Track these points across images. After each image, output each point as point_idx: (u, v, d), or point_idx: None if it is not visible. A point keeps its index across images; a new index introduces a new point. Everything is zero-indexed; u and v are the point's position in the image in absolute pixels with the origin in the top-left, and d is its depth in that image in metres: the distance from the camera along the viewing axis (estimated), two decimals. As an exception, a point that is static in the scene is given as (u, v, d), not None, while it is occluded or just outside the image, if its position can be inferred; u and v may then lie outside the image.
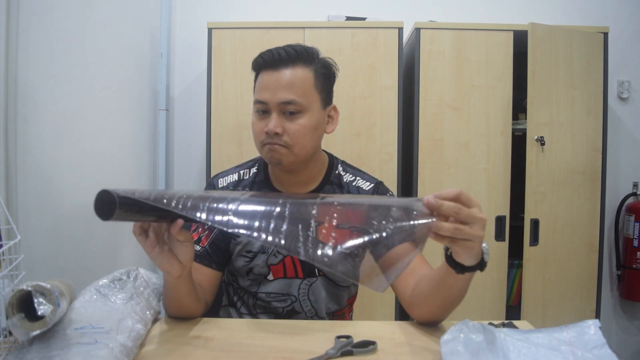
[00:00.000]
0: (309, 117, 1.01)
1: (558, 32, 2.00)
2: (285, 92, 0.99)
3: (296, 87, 0.99)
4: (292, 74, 1.00)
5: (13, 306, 0.68)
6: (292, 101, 0.99)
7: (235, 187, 1.12)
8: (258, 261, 1.09)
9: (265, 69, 1.02)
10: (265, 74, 1.01)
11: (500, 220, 2.05)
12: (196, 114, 2.44)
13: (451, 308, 0.90)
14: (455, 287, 0.84)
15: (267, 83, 1.00)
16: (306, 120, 1.01)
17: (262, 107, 1.01)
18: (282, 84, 0.99)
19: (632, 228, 2.36)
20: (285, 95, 0.99)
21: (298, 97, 0.99)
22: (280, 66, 1.00)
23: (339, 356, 0.79)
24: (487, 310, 2.05)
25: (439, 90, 2.05)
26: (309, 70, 1.02)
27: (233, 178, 1.14)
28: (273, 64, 1.00)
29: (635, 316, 2.53)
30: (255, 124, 1.03)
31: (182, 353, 0.82)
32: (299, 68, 1.01)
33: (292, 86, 0.99)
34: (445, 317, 0.93)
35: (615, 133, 2.45)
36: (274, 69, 1.00)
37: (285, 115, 1.00)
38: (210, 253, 1.07)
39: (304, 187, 1.10)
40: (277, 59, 1.00)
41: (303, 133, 1.01)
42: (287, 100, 0.99)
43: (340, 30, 2.04)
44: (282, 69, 1.00)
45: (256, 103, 1.02)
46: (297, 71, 1.00)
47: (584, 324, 0.74)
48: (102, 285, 0.88)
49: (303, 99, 1.00)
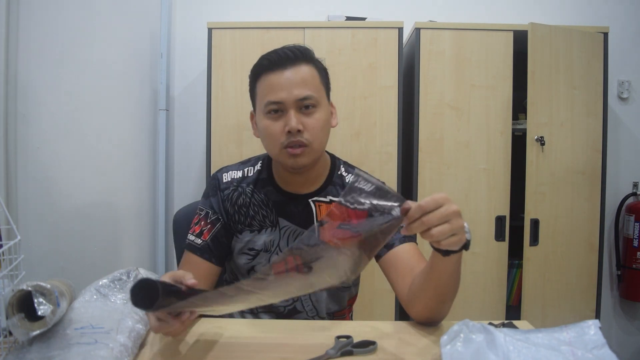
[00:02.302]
0: (322, 111, 1.03)
1: (558, 32, 2.00)
2: (301, 89, 0.99)
3: (309, 83, 1.01)
4: (303, 70, 1.01)
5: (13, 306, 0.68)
6: (308, 96, 1.00)
7: (239, 184, 1.12)
8: (260, 260, 1.09)
9: (271, 70, 1.01)
10: (273, 75, 1.01)
11: (500, 220, 2.05)
12: (196, 114, 2.44)
13: (445, 298, 0.90)
14: (445, 272, 0.85)
15: (280, 82, 1.00)
16: (321, 114, 1.03)
17: (277, 107, 1.00)
18: (296, 80, 1.00)
19: (632, 228, 2.36)
20: (302, 91, 0.99)
21: (313, 92, 1.01)
22: (288, 65, 1.01)
23: (339, 356, 0.79)
24: (487, 310, 2.05)
25: (439, 90, 2.05)
26: (313, 67, 1.04)
27: (237, 175, 1.14)
28: (281, 64, 1.01)
29: (635, 316, 2.53)
30: (272, 127, 1.01)
31: (182, 353, 0.82)
32: (305, 66, 1.02)
33: (305, 82, 1.00)
34: (442, 313, 0.93)
35: (615, 133, 2.45)
36: (283, 68, 1.00)
37: (302, 111, 1.01)
38: (211, 247, 1.07)
39: (308, 187, 1.10)
40: (284, 58, 1.01)
41: (320, 127, 1.02)
42: (305, 95, 1.00)
43: (340, 30, 2.04)
44: (291, 67, 1.01)
45: (270, 104, 1.01)
46: (304, 68, 1.02)
47: (584, 324, 0.74)
48: (102, 285, 0.88)
49: (317, 93, 1.02)
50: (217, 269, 1.09)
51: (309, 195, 1.09)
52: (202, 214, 1.10)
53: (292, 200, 1.09)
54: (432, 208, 0.72)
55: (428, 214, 0.71)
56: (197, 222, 1.09)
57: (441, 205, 0.72)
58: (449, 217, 0.72)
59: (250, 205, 1.10)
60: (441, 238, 0.73)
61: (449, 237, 0.73)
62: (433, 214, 0.71)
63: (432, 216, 0.71)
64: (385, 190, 0.70)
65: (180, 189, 2.51)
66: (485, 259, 2.04)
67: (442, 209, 0.72)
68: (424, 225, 0.71)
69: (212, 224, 1.08)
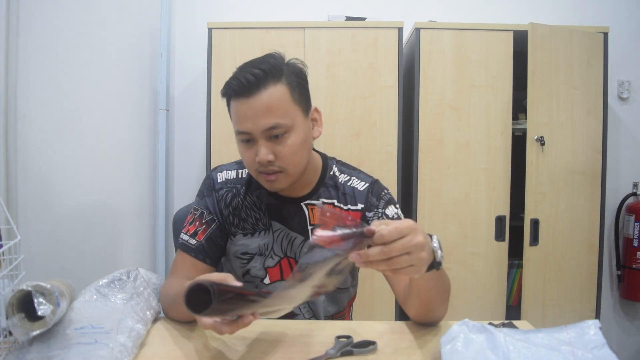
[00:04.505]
0: (295, 134, 0.96)
1: (558, 32, 2.00)
2: (266, 118, 0.93)
3: (275, 109, 0.93)
4: (268, 96, 0.93)
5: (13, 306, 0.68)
6: (275, 125, 0.93)
7: (234, 185, 1.11)
8: (255, 263, 1.09)
9: (237, 97, 0.95)
10: (238, 103, 0.95)
11: (500, 220, 2.05)
12: (196, 114, 2.44)
13: (432, 307, 0.91)
14: (424, 287, 0.86)
15: (245, 112, 0.94)
16: (294, 139, 0.96)
17: (246, 137, 0.97)
18: (260, 110, 0.93)
19: (632, 228, 2.36)
20: (267, 121, 0.93)
21: (280, 119, 0.94)
22: (252, 92, 0.93)
23: (339, 356, 0.79)
24: (487, 310, 2.05)
25: (439, 90, 2.05)
26: (282, 86, 0.95)
27: (231, 175, 1.13)
28: (244, 92, 0.93)
29: (635, 316, 2.53)
30: (244, 154, 0.99)
31: (182, 353, 0.82)
32: (271, 87, 0.93)
33: (271, 109, 0.93)
34: (435, 317, 0.94)
35: (615, 133, 2.45)
36: (247, 96, 0.93)
37: (272, 139, 0.96)
38: (205, 248, 1.07)
39: (300, 190, 1.09)
40: (246, 85, 0.93)
41: (294, 152, 0.97)
42: (271, 125, 0.93)
43: (340, 30, 2.03)
44: (255, 94, 0.93)
45: (239, 134, 0.98)
46: (270, 91, 0.93)
47: (584, 324, 0.74)
48: (102, 285, 0.88)
49: (286, 118, 0.94)
50: (210, 269, 1.08)
51: (302, 198, 1.09)
52: (197, 213, 1.09)
53: (284, 204, 1.08)
54: (395, 238, 0.67)
55: (389, 244, 0.67)
56: (192, 221, 1.08)
57: (405, 235, 0.68)
58: (410, 249, 0.67)
59: (243, 207, 1.09)
60: (396, 267, 0.68)
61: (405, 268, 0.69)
62: (394, 244, 0.67)
63: (393, 247, 0.67)
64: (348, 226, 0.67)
65: (180, 189, 2.51)
66: (485, 259, 2.04)
67: (404, 240, 0.67)
68: (382, 255, 0.67)
69: (207, 224, 1.08)
